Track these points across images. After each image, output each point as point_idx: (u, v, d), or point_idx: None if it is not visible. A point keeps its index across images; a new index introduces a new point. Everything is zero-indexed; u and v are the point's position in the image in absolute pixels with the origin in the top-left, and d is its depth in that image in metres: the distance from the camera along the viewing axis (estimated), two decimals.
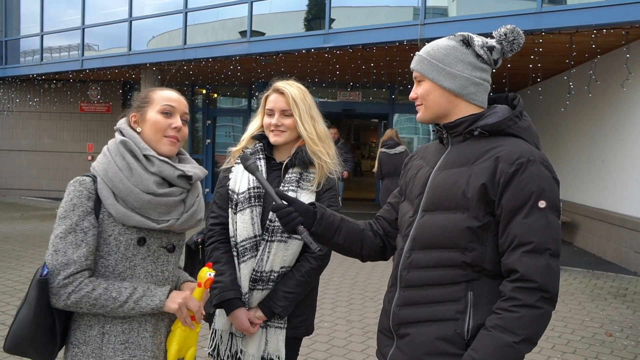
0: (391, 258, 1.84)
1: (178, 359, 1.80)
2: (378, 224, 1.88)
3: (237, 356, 2.24)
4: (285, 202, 1.73)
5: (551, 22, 7.16)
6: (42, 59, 13.55)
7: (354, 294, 6.06)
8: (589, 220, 8.81)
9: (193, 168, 1.80)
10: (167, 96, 1.78)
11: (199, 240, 2.35)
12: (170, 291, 1.72)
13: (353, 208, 12.25)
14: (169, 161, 1.74)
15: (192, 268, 2.36)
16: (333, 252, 2.04)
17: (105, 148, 1.76)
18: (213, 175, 14.43)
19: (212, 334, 2.30)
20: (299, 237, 1.72)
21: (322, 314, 5.24)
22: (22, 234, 9.25)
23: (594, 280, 6.96)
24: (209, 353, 2.30)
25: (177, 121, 1.77)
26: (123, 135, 1.75)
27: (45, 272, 1.59)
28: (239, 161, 2.17)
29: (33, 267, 6.81)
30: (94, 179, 1.69)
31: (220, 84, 14.07)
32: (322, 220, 1.75)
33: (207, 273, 1.80)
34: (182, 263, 2.15)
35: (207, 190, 14.05)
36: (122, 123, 1.80)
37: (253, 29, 9.93)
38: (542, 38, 7.35)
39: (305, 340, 4.43)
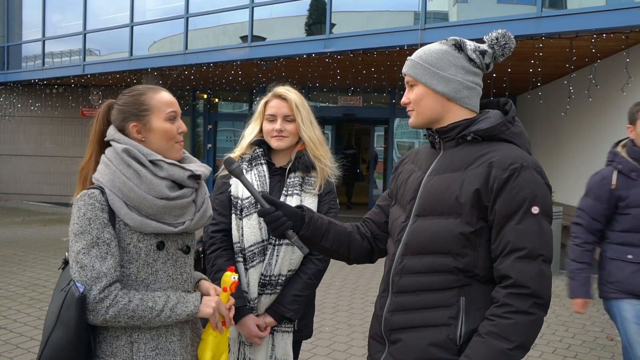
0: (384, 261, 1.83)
1: None
2: (366, 227, 1.86)
3: None
4: (272, 207, 1.69)
5: (551, 26, 7.17)
6: (43, 64, 13.60)
7: (355, 299, 6.06)
8: None
9: (199, 167, 1.77)
10: (167, 101, 1.73)
11: (200, 249, 2.28)
12: (202, 297, 1.71)
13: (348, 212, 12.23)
14: (177, 163, 1.71)
15: None
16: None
17: (104, 158, 1.68)
18: (214, 182, 14.39)
19: None
20: (289, 241, 1.69)
21: (323, 318, 5.25)
22: (23, 239, 9.24)
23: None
24: None
25: (182, 125, 1.75)
26: (121, 143, 1.68)
27: (82, 290, 1.53)
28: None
29: (34, 271, 6.81)
30: (102, 190, 1.62)
31: (221, 88, 14.09)
32: (310, 224, 1.72)
33: (231, 277, 1.79)
34: None
35: (210, 194, 14.05)
36: (114, 133, 1.70)
37: (254, 34, 9.95)
38: (542, 42, 7.36)
39: (307, 345, 4.43)
